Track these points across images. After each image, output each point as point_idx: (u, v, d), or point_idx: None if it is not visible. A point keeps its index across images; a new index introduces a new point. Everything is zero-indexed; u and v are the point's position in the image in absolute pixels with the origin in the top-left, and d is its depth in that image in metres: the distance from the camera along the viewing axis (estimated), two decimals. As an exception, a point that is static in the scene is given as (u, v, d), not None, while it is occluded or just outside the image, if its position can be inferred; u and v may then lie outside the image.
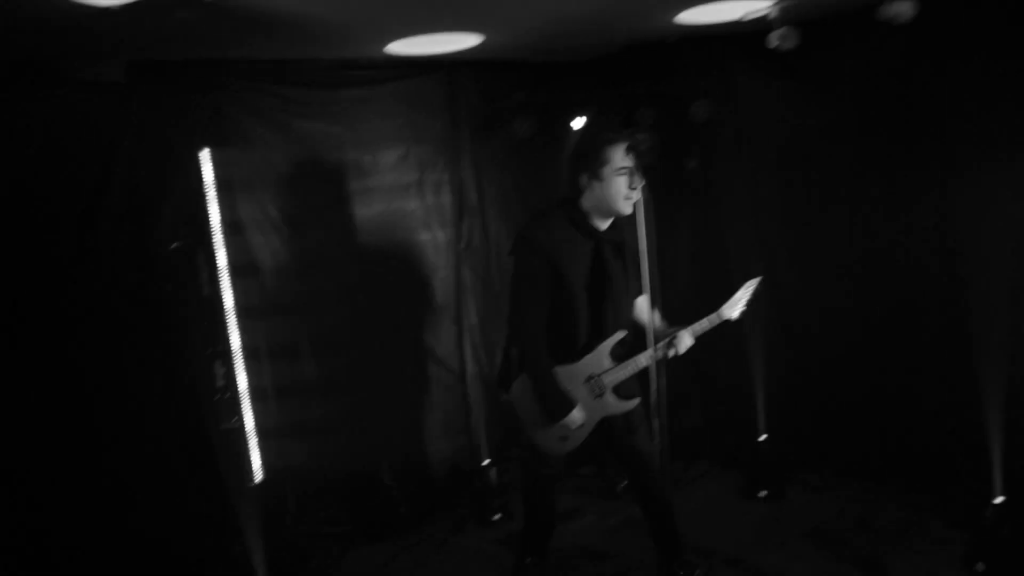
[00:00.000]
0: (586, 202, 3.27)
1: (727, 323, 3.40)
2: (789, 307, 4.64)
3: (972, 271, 3.93)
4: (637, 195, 3.14)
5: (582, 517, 4.44)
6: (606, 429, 3.39)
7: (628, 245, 3.24)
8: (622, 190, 3.18)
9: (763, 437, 4.59)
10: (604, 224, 3.31)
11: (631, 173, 3.16)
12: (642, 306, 3.44)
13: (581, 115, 4.57)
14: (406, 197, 4.60)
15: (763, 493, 4.45)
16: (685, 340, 3.31)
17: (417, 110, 4.56)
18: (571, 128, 4.62)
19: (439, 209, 4.70)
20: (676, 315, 3.46)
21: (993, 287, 3.83)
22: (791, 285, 4.63)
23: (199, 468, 3.77)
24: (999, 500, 3.60)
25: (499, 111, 4.71)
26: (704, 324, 3.34)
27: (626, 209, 3.19)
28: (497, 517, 4.47)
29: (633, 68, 4.69)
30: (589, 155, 3.24)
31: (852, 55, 4.15)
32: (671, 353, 3.28)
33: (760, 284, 3.42)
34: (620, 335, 3.34)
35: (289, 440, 4.10)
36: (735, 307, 3.39)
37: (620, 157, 3.18)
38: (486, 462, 4.61)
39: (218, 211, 3.91)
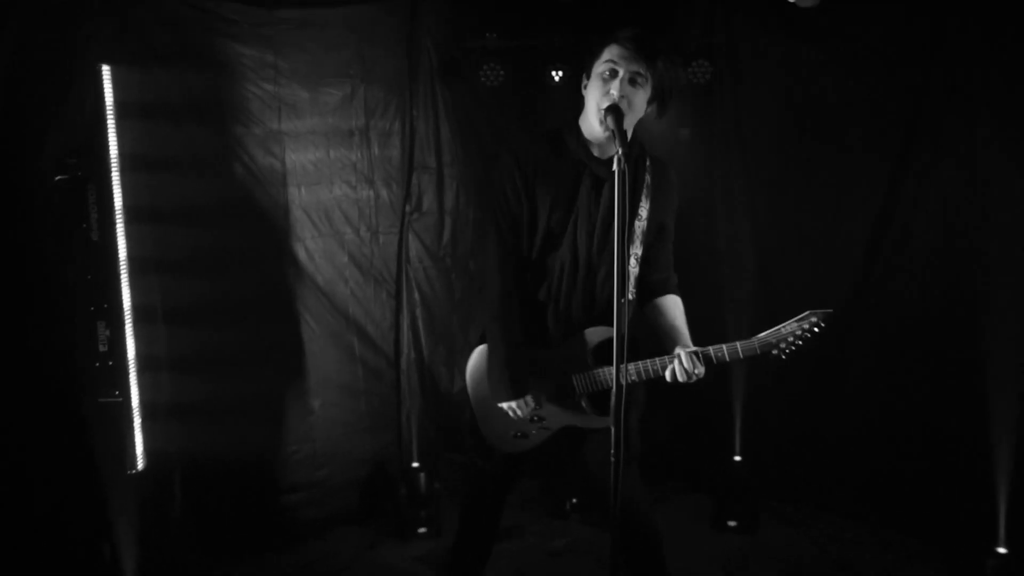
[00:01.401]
0: (583, 116, 2.79)
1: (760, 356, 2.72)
2: (779, 309, 4.52)
3: (992, 282, 3.87)
4: (618, 103, 2.61)
5: (521, 537, 4.34)
6: (573, 442, 3.01)
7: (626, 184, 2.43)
8: (596, 93, 2.67)
9: (737, 459, 4.54)
10: (598, 148, 2.79)
11: (613, 74, 2.65)
12: (665, 307, 2.95)
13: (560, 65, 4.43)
14: (348, 145, 4.45)
15: (733, 523, 4.39)
16: (685, 364, 2.69)
17: (369, 43, 4.40)
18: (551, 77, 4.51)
19: (386, 163, 4.59)
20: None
21: (1015, 301, 3.76)
22: (784, 283, 4.57)
23: (68, 448, 3.55)
24: (1002, 551, 3.58)
25: (466, 53, 4.54)
26: (724, 352, 2.70)
27: (595, 124, 2.69)
28: (422, 531, 4.34)
29: (626, 16, 4.46)
30: (592, 51, 2.76)
31: (874, 23, 4.11)
32: (668, 376, 2.73)
33: (825, 321, 2.68)
34: (608, 332, 2.80)
35: (181, 422, 3.89)
36: (779, 342, 2.69)
37: (612, 51, 2.67)
38: (415, 464, 4.47)
39: (116, 141, 3.67)
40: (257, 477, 4.23)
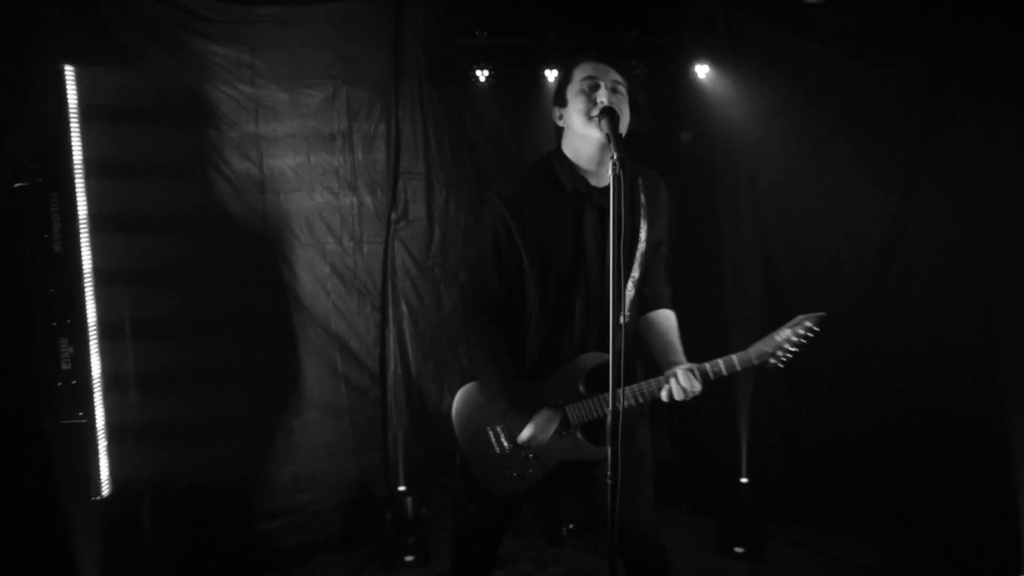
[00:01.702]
0: (566, 145, 2.82)
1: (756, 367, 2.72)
2: (786, 321, 4.53)
3: (1011, 292, 3.81)
4: (604, 113, 2.62)
5: (515, 565, 4.27)
6: (578, 469, 2.94)
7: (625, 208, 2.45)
8: (581, 107, 2.69)
9: (744, 480, 4.46)
10: (595, 175, 2.79)
11: (595, 87, 2.69)
12: (658, 323, 2.94)
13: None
14: (330, 150, 4.41)
15: (740, 549, 4.34)
16: (682, 382, 2.68)
17: (352, 41, 4.37)
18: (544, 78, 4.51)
19: (370, 168, 4.56)
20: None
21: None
22: (793, 291, 4.53)
23: (28, 472, 3.49)
24: (1026, 577, 3.56)
25: (456, 52, 4.51)
26: (720, 366, 2.68)
27: (588, 131, 2.71)
28: (409, 559, 4.27)
29: (623, 12, 4.54)
30: (559, 80, 2.82)
31: (883, 19, 4.10)
32: (664, 396, 2.70)
33: (818, 324, 2.69)
34: (600, 358, 2.78)
35: (151, 444, 3.83)
36: (775, 350, 2.68)
37: (585, 69, 2.74)
38: (402, 488, 4.39)
39: (81, 146, 3.64)
40: (234, 503, 4.15)
